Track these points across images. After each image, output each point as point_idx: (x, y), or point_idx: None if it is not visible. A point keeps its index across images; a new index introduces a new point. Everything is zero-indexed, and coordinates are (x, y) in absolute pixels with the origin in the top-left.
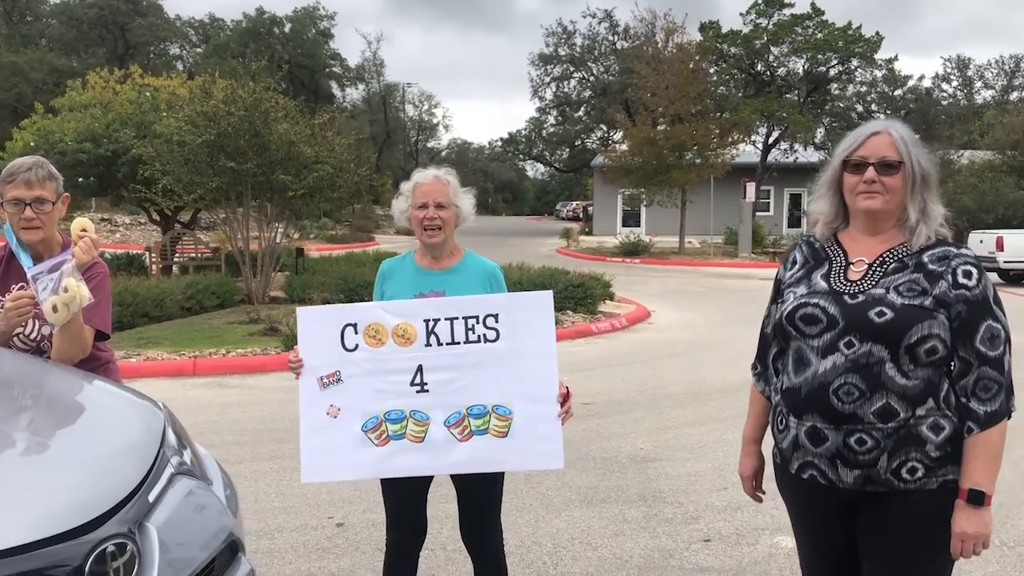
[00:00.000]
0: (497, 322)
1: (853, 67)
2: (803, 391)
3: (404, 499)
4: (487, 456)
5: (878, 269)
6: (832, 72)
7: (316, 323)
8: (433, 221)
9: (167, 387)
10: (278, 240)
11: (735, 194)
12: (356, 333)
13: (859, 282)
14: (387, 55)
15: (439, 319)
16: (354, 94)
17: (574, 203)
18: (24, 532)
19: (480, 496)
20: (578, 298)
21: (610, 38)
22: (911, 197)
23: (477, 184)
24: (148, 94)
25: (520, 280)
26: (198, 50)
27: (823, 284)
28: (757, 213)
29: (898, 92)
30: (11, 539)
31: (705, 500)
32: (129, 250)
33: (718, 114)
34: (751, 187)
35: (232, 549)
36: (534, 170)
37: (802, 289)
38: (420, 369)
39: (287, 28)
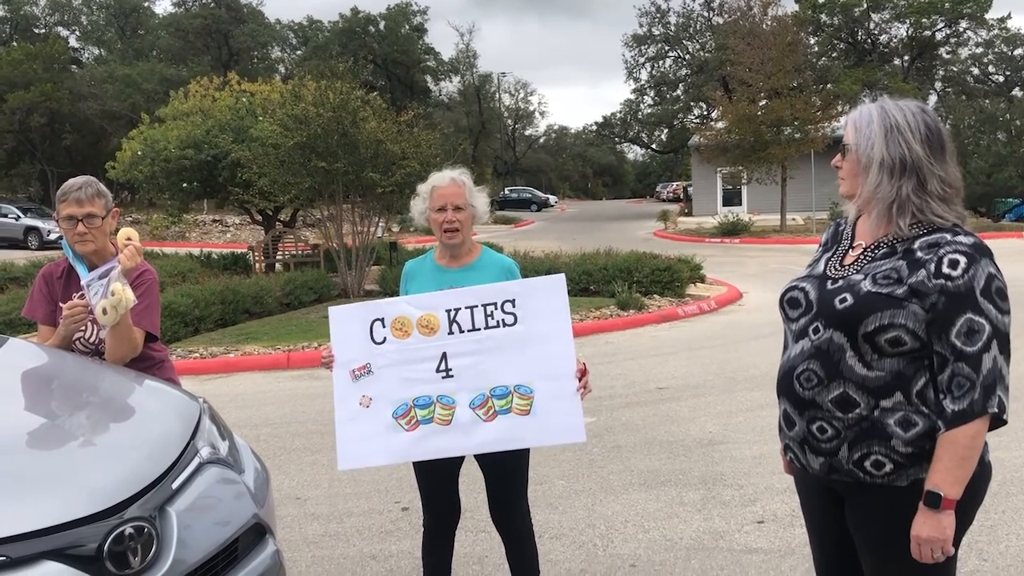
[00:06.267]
0: (514, 307)
1: (962, 29)
2: (779, 374)
3: (436, 480)
4: (512, 434)
5: (869, 254)
6: (939, 36)
7: (346, 320)
8: (452, 224)
9: (261, 380)
10: (379, 235)
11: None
12: (384, 327)
13: (849, 267)
14: (477, 47)
15: (460, 308)
16: (449, 87)
17: (674, 184)
18: (48, 516)
19: (505, 475)
20: (665, 282)
21: (705, 14)
22: (867, 181)
23: (576, 169)
24: (244, 100)
25: (606, 266)
26: (298, 52)
27: (821, 268)
28: None
29: (1019, 51)
30: (36, 523)
31: (766, 482)
32: (234, 249)
33: (820, 87)
34: None
35: (259, 532)
36: (633, 153)
37: (803, 272)
38: (444, 356)
39: (381, 26)
